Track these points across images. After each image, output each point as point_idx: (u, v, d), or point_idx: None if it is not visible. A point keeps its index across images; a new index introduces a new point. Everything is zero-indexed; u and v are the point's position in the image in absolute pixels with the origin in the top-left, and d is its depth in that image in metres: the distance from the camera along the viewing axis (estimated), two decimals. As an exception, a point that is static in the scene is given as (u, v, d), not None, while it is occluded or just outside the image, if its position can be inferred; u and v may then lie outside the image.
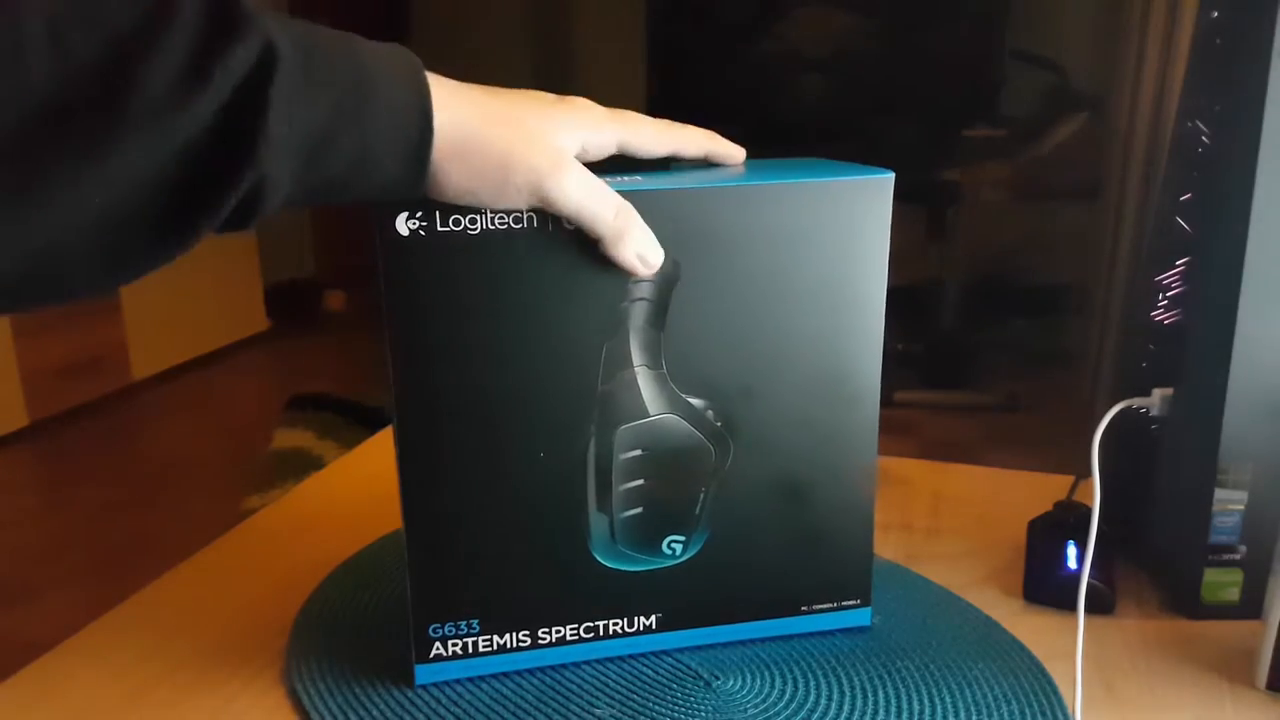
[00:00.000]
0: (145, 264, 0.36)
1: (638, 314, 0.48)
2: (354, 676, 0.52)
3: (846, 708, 0.49)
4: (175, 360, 3.16)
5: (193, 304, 3.20)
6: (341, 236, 4.04)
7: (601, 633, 0.52)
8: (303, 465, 2.41)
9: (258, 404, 2.98)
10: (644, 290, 0.48)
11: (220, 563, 0.65)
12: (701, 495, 0.51)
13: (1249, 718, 0.50)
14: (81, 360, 2.79)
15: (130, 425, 2.82)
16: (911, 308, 2.98)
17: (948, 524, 0.70)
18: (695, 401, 0.50)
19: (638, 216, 0.46)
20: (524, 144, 0.43)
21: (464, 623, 0.51)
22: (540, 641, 0.52)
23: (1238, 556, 0.57)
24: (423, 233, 0.45)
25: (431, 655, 0.51)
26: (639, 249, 0.46)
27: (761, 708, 0.49)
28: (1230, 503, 0.56)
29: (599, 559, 0.51)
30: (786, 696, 0.50)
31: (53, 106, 0.32)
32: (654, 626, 0.53)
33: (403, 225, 0.45)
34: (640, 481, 0.50)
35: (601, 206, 0.45)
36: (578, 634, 0.52)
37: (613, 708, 0.49)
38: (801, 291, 0.50)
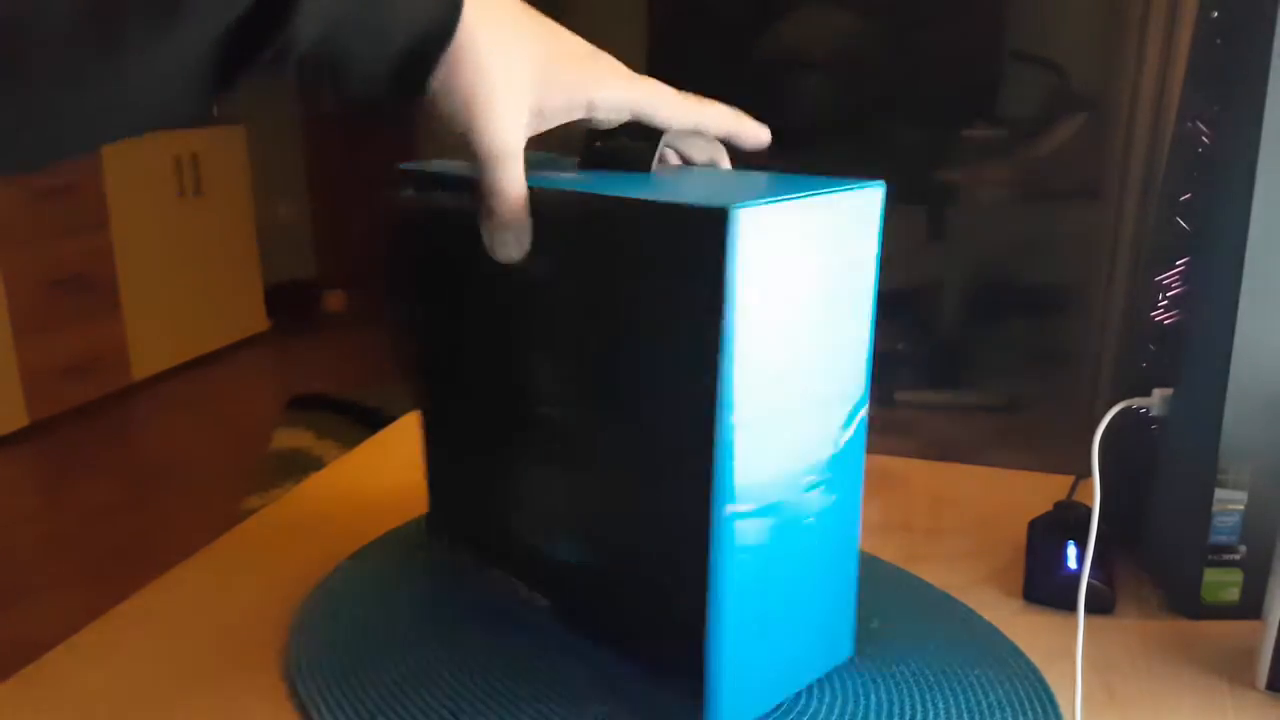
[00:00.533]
0: (193, 111, 0.39)
1: (533, 303, 0.50)
2: (354, 675, 0.52)
3: (839, 711, 0.49)
4: (175, 360, 3.16)
5: (193, 304, 3.21)
6: (341, 237, 4.05)
7: (518, 594, 0.56)
8: (303, 465, 2.41)
9: (258, 404, 2.98)
10: (536, 281, 0.49)
11: (220, 563, 0.65)
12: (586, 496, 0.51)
13: (1249, 718, 0.50)
14: (81, 360, 2.79)
15: (130, 425, 2.83)
16: (912, 307, 2.98)
17: (948, 524, 0.70)
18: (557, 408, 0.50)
19: (514, 215, 0.46)
20: (502, 107, 0.43)
21: (453, 537, 0.61)
22: (496, 577, 0.57)
23: (1238, 556, 0.57)
24: (417, 203, 0.53)
25: (437, 553, 0.62)
26: (492, 235, 0.47)
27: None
28: (1230, 503, 0.56)
29: (518, 528, 0.55)
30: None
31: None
32: (548, 610, 0.54)
33: (406, 194, 0.54)
34: (542, 466, 0.52)
35: (493, 180, 0.45)
36: (508, 583, 0.56)
37: (606, 706, 0.49)
38: (634, 320, 0.44)
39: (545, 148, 0.51)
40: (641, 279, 0.43)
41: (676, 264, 0.41)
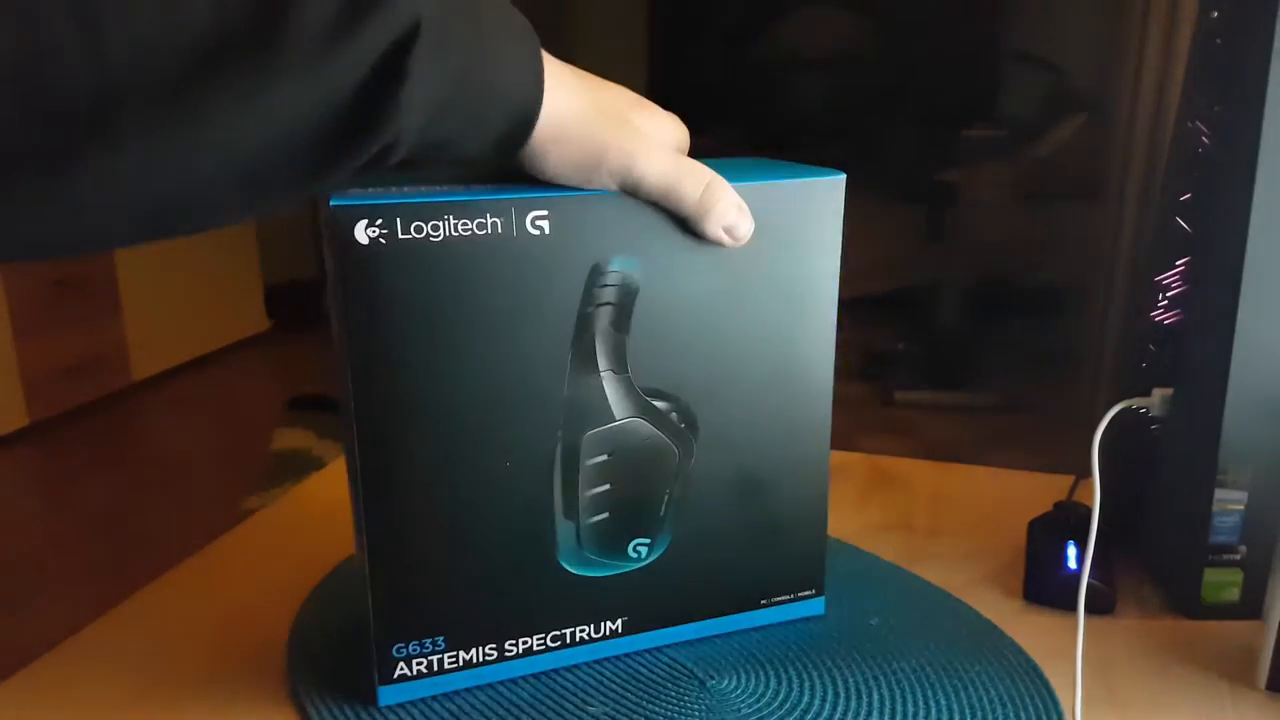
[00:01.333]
0: (275, 204, 0.37)
1: (603, 318, 0.48)
2: (354, 676, 0.52)
3: (841, 708, 0.49)
4: (175, 360, 3.16)
5: (193, 304, 3.20)
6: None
7: (568, 640, 0.52)
8: (303, 465, 2.41)
9: (258, 404, 2.98)
10: (609, 295, 0.47)
11: (220, 563, 0.65)
12: (666, 497, 0.51)
13: (1249, 718, 0.50)
14: (81, 360, 2.79)
15: (130, 425, 2.83)
16: (912, 307, 2.98)
17: (948, 524, 0.70)
18: (659, 404, 0.50)
19: (725, 190, 0.47)
20: (617, 133, 0.45)
21: (429, 640, 0.49)
22: (507, 654, 0.51)
23: (1238, 556, 0.57)
24: (383, 240, 0.43)
25: (396, 676, 0.49)
26: (725, 223, 0.47)
27: (755, 707, 0.49)
28: (1230, 503, 0.56)
29: (566, 567, 0.51)
30: (780, 696, 0.50)
31: (210, 50, 0.32)
32: (620, 630, 0.53)
33: (362, 234, 0.43)
34: (607, 486, 0.50)
35: (686, 187, 0.46)
36: (544, 643, 0.52)
37: (606, 706, 0.49)
38: (759, 291, 0.50)
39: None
40: (774, 246, 0.50)
41: (807, 225, 0.51)
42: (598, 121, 0.45)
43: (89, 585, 1.92)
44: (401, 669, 0.49)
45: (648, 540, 0.52)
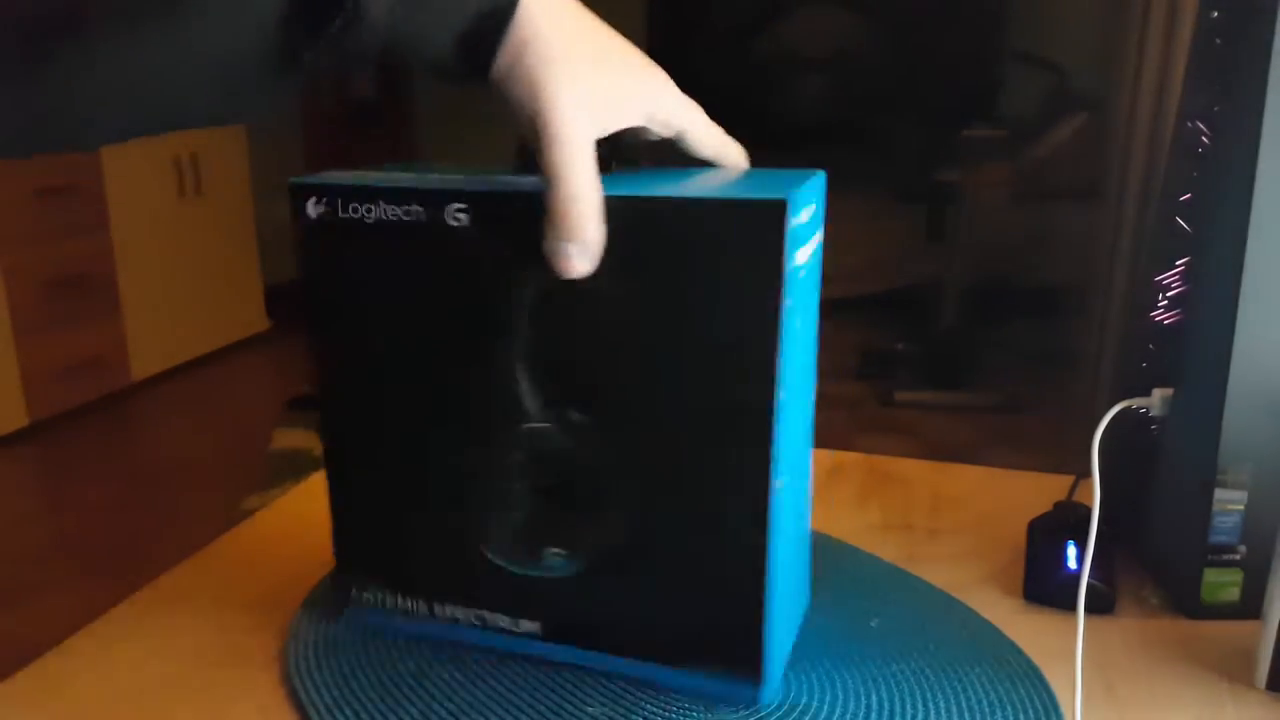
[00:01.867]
0: (252, 96, 0.39)
1: (523, 316, 0.47)
2: (354, 676, 0.52)
3: (841, 709, 0.49)
4: (175, 360, 3.16)
5: (193, 304, 3.20)
6: (341, 236, 4.03)
7: (488, 623, 0.53)
8: (303, 465, 2.41)
9: (258, 404, 2.98)
10: (529, 294, 0.46)
11: (220, 563, 0.65)
12: (580, 512, 0.50)
13: (1249, 718, 0.50)
14: (81, 360, 2.79)
15: (130, 425, 2.83)
16: (912, 307, 2.98)
17: (948, 524, 0.70)
18: (577, 415, 0.48)
19: (589, 223, 0.42)
20: (571, 93, 0.42)
21: (374, 579, 0.54)
22: (436, 614, 0.53)
23: (1238, 556, 0.57)
24: (328, 217, 0.47)
25: (351, 599, 0.55)
26: (557, 246, 0.43)
27: (754, 707, 0.49)
28: (1230, 503, 0.56)
29: (488, 554, 0.51)
30: (780, 696, 0.50)
31: None
32: (538, 633, 0.52)
33: (311, 209, 0.48)
34: (518, 485, 0.50)
35: (561, 181, 0.42)
36: (468, 618, 0.53)
37: (605, 707, 0.49)
38: (688, 313, 0.45)
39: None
40: (701, 271, 0.44)
41: (740, 252, 0.44)
42: (567, 66, 0.41)
43: (89, 585, 1.92)
44: (354, 593, 0.55)
45: (563, 553, 0.50)
